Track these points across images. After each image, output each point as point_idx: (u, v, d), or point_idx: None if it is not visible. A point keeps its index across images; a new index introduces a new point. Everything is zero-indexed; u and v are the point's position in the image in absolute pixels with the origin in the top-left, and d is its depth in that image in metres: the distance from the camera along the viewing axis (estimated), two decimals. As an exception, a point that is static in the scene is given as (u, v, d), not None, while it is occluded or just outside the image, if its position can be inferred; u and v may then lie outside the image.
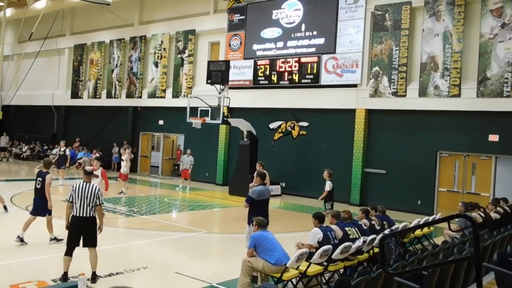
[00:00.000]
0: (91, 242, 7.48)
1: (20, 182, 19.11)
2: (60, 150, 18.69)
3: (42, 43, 27.79)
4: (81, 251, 7.54)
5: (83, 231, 7.43)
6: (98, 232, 7.64)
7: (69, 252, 7.35)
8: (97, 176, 12.28)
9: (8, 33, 33.47)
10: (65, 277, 7.27)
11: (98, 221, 7.62)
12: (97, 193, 7.53)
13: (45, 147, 29.57)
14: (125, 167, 17.10)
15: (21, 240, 9.43)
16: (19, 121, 32.90)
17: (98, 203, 7.52)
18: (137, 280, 7.88)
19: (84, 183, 7.56)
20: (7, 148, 29.55)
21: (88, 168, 8.21)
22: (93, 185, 7.60)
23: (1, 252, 8.94)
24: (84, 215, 7.38)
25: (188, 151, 20.29)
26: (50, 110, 30.55)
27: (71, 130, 29.73)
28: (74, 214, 7.41)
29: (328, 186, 13.55)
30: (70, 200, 7.46)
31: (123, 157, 17.32)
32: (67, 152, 18.78)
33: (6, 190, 13.24)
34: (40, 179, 9.69)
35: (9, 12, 30.94)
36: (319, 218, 7.93)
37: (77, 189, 7.45)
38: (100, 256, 7.59)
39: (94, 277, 7.40)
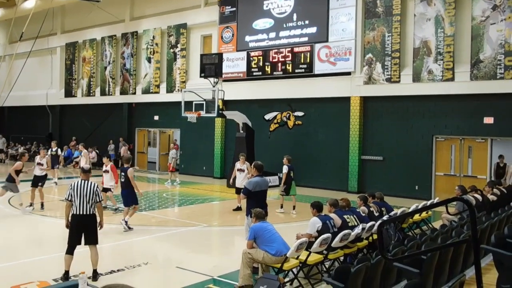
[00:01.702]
0: (92, 240, 7.49)
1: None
2: (52, 150, 18.71)
3: (33, 42, 27.56)
4: (81, 250, 7.55)
5: (83, 229, 7.44)
6: (99, 228, 7.67)
7: (70, 251, 7.36)
8: (108, 172, 12.96)
9: (-1, 34, 33.26)
10: (66, 276, 7.30)
11: (98, 218, 7.65)
12: (96, 190, 7.55)
13: (41, 148, 29.42)
14: (85, 163, 16.11)
15: (129, 227, 10.88)
16: (14, 122, 32.74)
17: (97, 200, 7.55)
18: (139, 276, 7.90)
19: (82, 181, 7.55)
20: (3, 150, 29.44)
21: (85, 166, 8.19)
22: (91, 183, 7.59)
23: (2, 253, 8.96)
24: (84, 213, 7.39)
25: (171, 145, 20.23)
26: (45, 110, 30.44)
27: (66, 129, 29.67)
28: (74, 212, 7.41)
29: (283, 169, 13.80)
30: (69, 199, 7.45)
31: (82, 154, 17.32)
32: (59, 152, 18.82)
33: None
34: (123, 173, 11.03)
35: (-2, 13, 30.72)
36: (317, 207, 7.97)
37: (76, 188, 7.44)
38: (100, 253, 7.62)
39: (95, 275, 7.42)
